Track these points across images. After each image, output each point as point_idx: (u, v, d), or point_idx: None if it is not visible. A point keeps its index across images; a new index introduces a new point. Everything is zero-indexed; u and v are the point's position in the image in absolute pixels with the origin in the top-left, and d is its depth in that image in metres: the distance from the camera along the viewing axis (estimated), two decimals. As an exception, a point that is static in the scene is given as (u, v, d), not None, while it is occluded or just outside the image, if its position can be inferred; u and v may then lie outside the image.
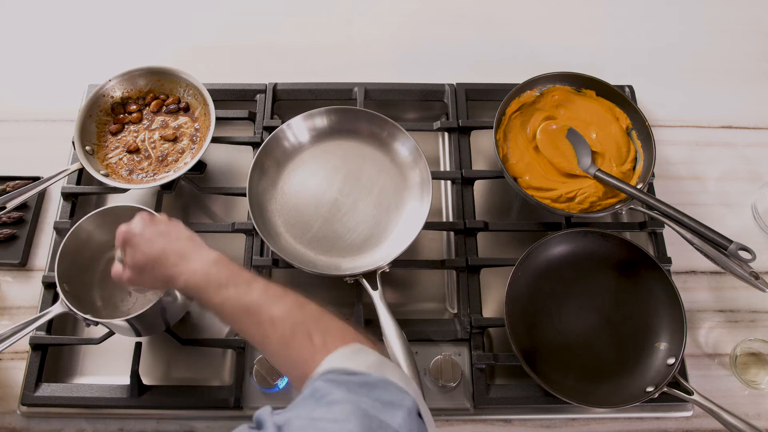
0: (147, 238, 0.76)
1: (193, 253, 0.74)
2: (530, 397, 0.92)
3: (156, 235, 0.76)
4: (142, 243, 0.75)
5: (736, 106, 1.21)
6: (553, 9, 1.33)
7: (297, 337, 0.64)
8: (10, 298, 1.01)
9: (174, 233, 0.77)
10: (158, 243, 0.75)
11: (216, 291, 0.70)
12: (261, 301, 0.68)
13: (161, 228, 0.77)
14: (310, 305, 0.68)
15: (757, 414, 0.95)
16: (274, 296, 0.68)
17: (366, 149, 1.05)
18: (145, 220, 0.78)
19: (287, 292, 0.69)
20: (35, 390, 0.91)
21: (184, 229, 0.79)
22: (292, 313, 0.66)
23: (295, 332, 0.64)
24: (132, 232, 0.76)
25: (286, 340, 0.64)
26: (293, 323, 0.65)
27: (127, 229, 0.77)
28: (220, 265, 0.72)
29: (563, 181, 1.04)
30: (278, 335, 0.65)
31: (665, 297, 0.94)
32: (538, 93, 1.11)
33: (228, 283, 0.70)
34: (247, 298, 0.68)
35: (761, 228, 1.09)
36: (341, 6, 1.32)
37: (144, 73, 1.09)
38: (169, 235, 0.76)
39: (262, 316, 0.67)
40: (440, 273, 1.05)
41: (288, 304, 0.67)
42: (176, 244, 0.75)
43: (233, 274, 0.71)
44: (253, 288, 0.69)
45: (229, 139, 1.10)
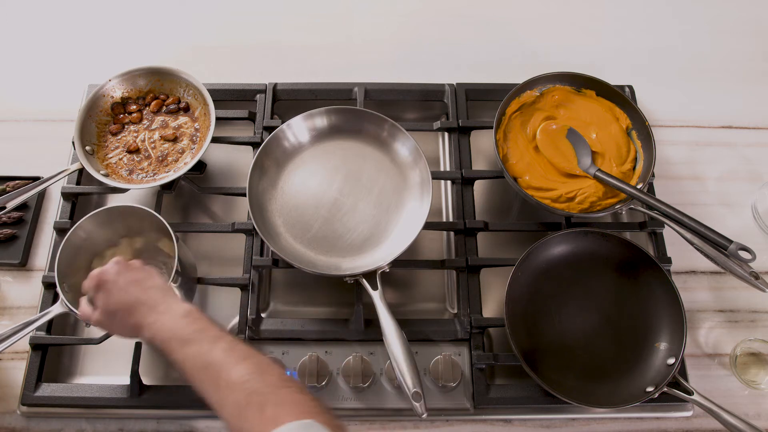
0: (121, 286, 0.76)
1: (164, 305, 0.74)
2: (530, 397, 0.92)
3: (130, 283, 0.76)
4: (115, 290, 0.76)
5: (736, 106, 1.21)
6: (553, 9, 1.34)
7: (250, 407, 0.61)
8: (10, 298, 1.01)
9: (147, 282, 0.77)
10: (131, 291, 0.75)
11: (179, 346, 0.69)
12: (221, 361, 0.66)
13: (136, 275, 0.77)
14: (273, 372, 0.65)
15: (757, 414, 0.95)
16: (237, 358, 0.66)
17: (366, 149, 1.05)
18: (120, 266, 0.78)
19: (251, 355, 0.67)
20: (35, 390, 0.91)
21: (157, 278, 0.79)
22: (251, 379, 0.64)
23: (249, 401, 0.62)
24: (106, 277, 0.77)
25: (240, 408, 0.62)
26: (249, 391, 0.63)
27: (101, 273, 0.77)
28: (189, 319, 0.71)
29: (563, 181, 1.04)
30: (232, 401, 0.63)
31: (665, 297, 0.94)
32: (538, 93, 1.11)
33: (192, 340, 0.68)
34: (208, 357, 0.67)
35: (761, 228, 1.09)
36: (341, 6, 1.32)
37: (144, 73, 1.09)
38: (143, 283, 0.76)
39: (220, 378, 0.65)
40: (440, 273, 1.05)
41: (248, 368, 0.65)
42: (149, 294, 0.75)
43: (199, 331, 0.70)
44: (216, 347, 0.67)
45: (229, 139, 1.10)
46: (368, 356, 0.94)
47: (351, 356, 0.93)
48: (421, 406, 0.80)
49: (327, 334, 0.96)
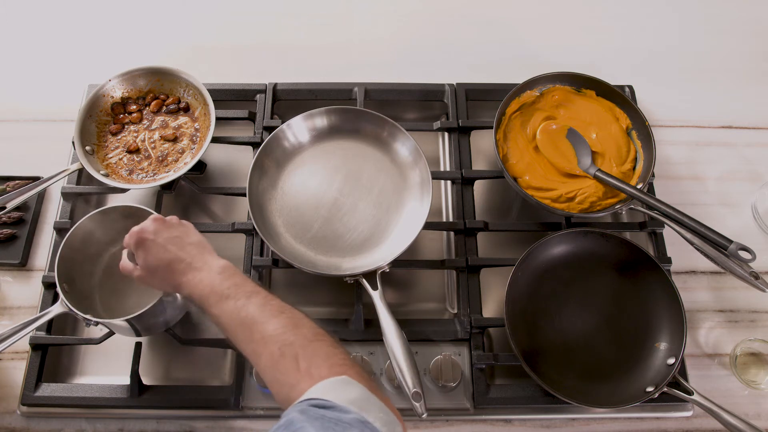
0: (160, 244, 0.77)
1: (200, 262, 0.75)
2: (530, 397, 0.92)
3: (168, 241, 0.77)
4: (155, 248, 0.76)
5: (736, 106, 1.21)
6: (553, 9, 1.34)
7: (285, 359, 0.64)
8: (10, 298, 1.01)
9: (185, 239, 0.78)
10: (170, 249, 0.76)
11: (216, 302, 0.70)
12: (256, 316, 0.68)
13: (173, 233, 0.78)
14: (306, 326, 0.68)
15: (757, 414, 0.95)
16: (271, 312, 0.68)
17: (366, 149, 1.05)
18: (158, 224, 0.79)
19: (285, 309, 0.69)
20: (35, 390, 0.91)
21: (195, 234, 0.80)
22: (284, 332, 0.66)
23: (283, 353, 0.64)
24: (145, 234, 0.77)
25: (275, 360, 0.64)
26: (282, 344, 0.65)
27: (140, 230, 0.78)
28: (225, 275, 0.73)
29: (563, 181, 1.04)
30: (267, 354, 0.65)
31: (665, 297, 0.94)
32: (538, 93, 1.11)
33: (228, 295, 0.70)
34: (243, 312, 0.68)
35: (761, 228, 1.09)
36: (341, 6, 1.32)
37: (144, 73, 1.09)
38: (180, 241, 0.77)
39: (254, 332, 0.67)
40: (440, 273, 1.05)
41: (282, 322, 0.67)
42: (187, 251, 0.76)
43: (235, 286, 0.71)
44: (251, 302, 0.69)
45: (229, 139, 1.10)
46: (368, 356, 0.94)
47: (351, 356, 0.93)
48: (421, 406, 0.80)
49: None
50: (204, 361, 0.97)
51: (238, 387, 0.92)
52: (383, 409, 0.59)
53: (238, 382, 0.92)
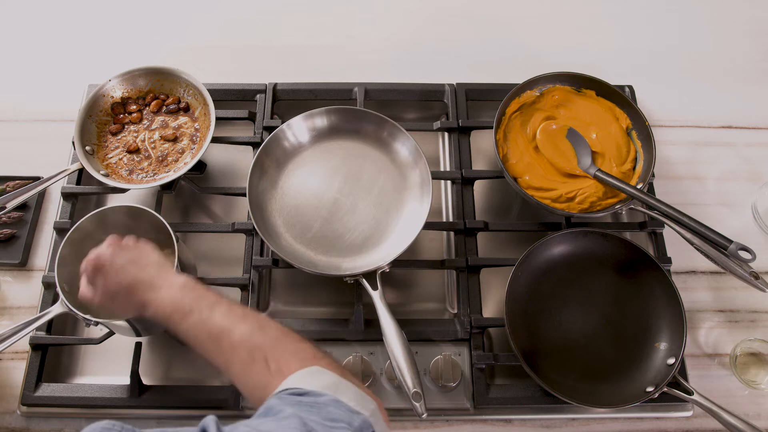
0: (118, 267, 0.76)
1: (161, 281, 0.74)
2: (530, 397, 0.92)
3: (126, 264, 0.76)
4: (113, 271, 0.76)
5: (736, 106, 1.21)
6: (553, 9, 1.34)
7: (255, 363, 0.64)
8: (10, 298, 1.01)
9: (143, 260, 0.77)
10: (129, 272, 0.75)
11: (182, 318, 0.70)
12: (223, 325, 0.68)
13: (131, 254, 0.77)
14: (271, 327, 0.68)
15: (757, 414, 0.95)
16: (236, 319, 0.68)
17: (366, 149, 1.05)
18: (114, 247, 0.78)
19: (249, 314, 0.70)
20: (35, 390, 0.91)
21: (153, 254, 0.79)
22: (250, 337, 0.66)
23: (253, 358, 0.65)
24: (102, 260, 0.76)
25: (245, 365, 0.65)
26: (251, 348, 0.65)
27: (97, 257, 0.77)
28: (186, 290, 0.72)
29: (563, 181, 1.04)
30: (238, 361, 0.66)
31: (665, 297, 0.94)
32: (538, 93, 1.11)
33: (192, 309, 0.70)
34: (209, 323, 0.68)
35: (761, 228, 1.09)
36: (341, 6, 1.32)
37: (144, 73, 1.09)
38: (138, 262, 0.77)
39: (223, 342, 0.67)
40: (440, 273, 1.05)
41: (248, 327, 0.67)
42: (146, 272, 0.75)
43: (197, 299, 0.71)
44: (215, 312, 0.69)
45: (229, 139, 1.10)
46: (368, 356, 0.94)
47: (351, 356, 0.93)
48: (421, 406, 0.80)
49: (327, 334, 0.96)
50: (204, 361, 0.95)
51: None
52: (355, 391, 0.60)
53: (238, 382, 0.92)
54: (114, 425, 0.52)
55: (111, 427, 0.52)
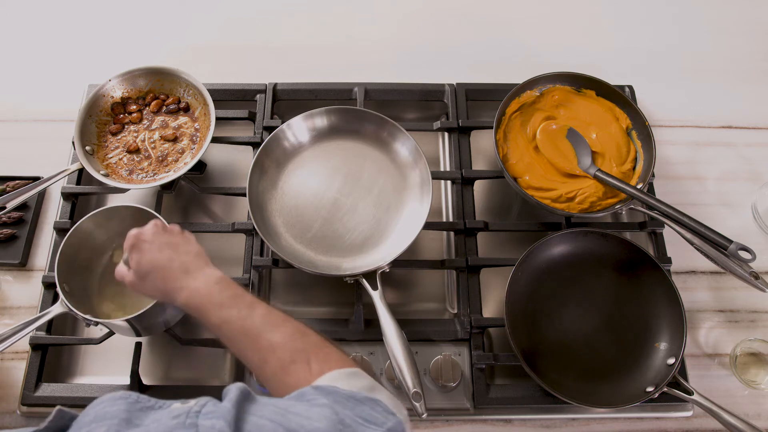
0: (156, 247, 0.75)
1: (198, 271, 0.74)
2: (530, 397, 0.92)
3: (165, 245, 0.76)
4: (150, 250, 0.75)
5: (736, 106, 1.21)
6: (553, 9, 1.34)
7: (296, 364, 0.64)
8: (10, 298, 1.01)
9: (183, 246, 0.77)
10: (165, 253, 0.75)
11: (217, 311, 0.70)
12: (262, 325, 0.68)
13: (172, 239, 0.77)
14: (312, 334, 0.68)
15: (757, 414, 0.95)
16: (276, 322, 0.68)
17: (366, 149, 1.05)
18: (158, 228, 0.78)
19: (288, 319, 0.69)
20: (35, 390, 0.91)
21: (194, 244, 0.79)
22: (293, 339, 0.66)
23: (294, 359, 0.64)
24: (142, 237, 0.76)
25: (285, 365, 0.64)
26: (293, 350, 0.65)
27: (138, 233, 0.77)
28: (223, 285, 0.72)
29: (563, 181, 1.04)
30: (277, 360, 0.65)
31: (665, 297, 0.94)
32: (538, 93, 1.11)
33: (230, 305, 0.70)
34: (248, 322, 0.68)
35: (761, 228, 1.09)
36: (341, 6, 1.32)
37: (144, 73, 1.09)
38: (178, 247, 0.76)
39: (262, 340, 0.67)
40: (440, 273, 1.05)
41: (289, 330, 0.67)
42: (183, 258, 0.75)
43: (235, 296, 0.71)
44: (254, 312, 0.69)
45: (229, 139, 1.10)
46: (368, 356, 0.94)
47: (351, 356, 0.93)
48: (421, 406, 0.80)
49: (327, 334, 0.95)
50: (204, 361, 0.97)
51: (238, 387, 0.92)
52: (391, 396, 0.60)
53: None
54: (130, 395, 0.52)
55: (127, 396, 0.52)
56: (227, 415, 0.48)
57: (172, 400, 0.52)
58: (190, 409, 0.49)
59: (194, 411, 0.49)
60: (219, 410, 0.48)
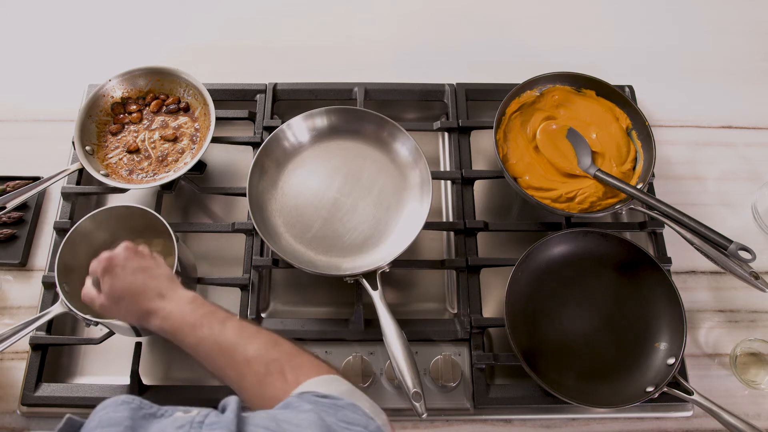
0: (129, 271, 0.76)
1: (171, 292, 0.74)
2: (530, 397, 0.92)
3: (137, 270, 0.76)
4: (123, 274, 0.75)
5: (736, 106, 1.21)
6: (553, 9, 1.34)
7: (271, 375, 0.64)
8: (10, 298, 1.01)
9: (155, 270, 0.77)
10: (138, 278, 0.75)
11: (191, 331, 0.70)
12: (235, 340, 0.68)
13: (144, 263, 0.77)
14: (285, 343, 0.68)
15: (757, 414, 0.95)
16: (249, 335, 0.69)
17: (366, 149, 1.05)
18: (129, 252, 0.78)
19: (261, 331, 0.70)
20: (35, 390, 0.91)
21: (165, 267, 0.79)
22: (266, 351, 0.67)
23: (270, 370, 0.65)
24: (114, 261, 0.76)
25: (260, 378, 0.65)
26: (267, 362, 0.65)
27: (110, 257, 0.77)
28: (195, 305, 0.72)
29: (563, 181, 1.04)
30: (252, 373, 0.65)
31: (665, 297, 0.94)
32: (538, 93, 1.11)
33: (202, 324, 0.70)
34: (221, 338, 0.68)
35: (761, 228, 1.09)
36: (341, 6, 1.32)
37: (144, 73, 1.09)
38: (149, 271, 0.77)
39: (236, 355, 0.67)
40: (440, 273, 1.05)
41: (262, 342, 0.68)
42: (156, 282, 0.75)
43: (207, 314, 0.71)
44: (227, 327, 0.69)
45: (229, 139, 1.10)
46: (368, 356, 0.94)
47: (351, 356, 0.93)
48: (421, 406, 0.80)
49: (327, 334, 0.96)
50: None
51: (238, 387, 0.92)
52: (369, 400, 0.61)
53: (238, 382, 0.92)
54: (133, 399, 0.53)
55: (131, 401, 0.52)
56: (231, 425, 0.49)
57: (174, 407, 0.53)
58: (193, 419, 0.50)
59: (197, 421, 0.50)
60: (222, 421, 0.49)
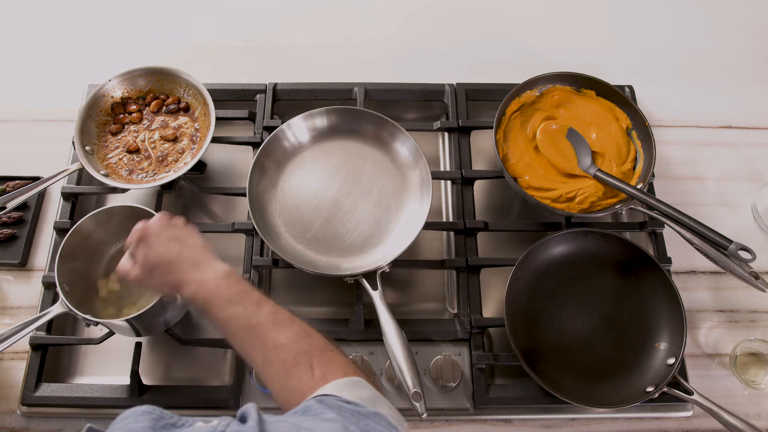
0: (163, 240, 0.75)
1: (206, 264, 0.74)
2: (530, 397, 0.92)
3: (171, 239, 0.76)
4: (157, 244, 0.75)
5: (736, 106, 1.21)
6: (553, 9, 1.34)
7: (299, 367, 0.64)
8: (10, 298, 1.01)
9: (189, 240, 0.77)
10: (173, 247, 0.75)
11: (224, 306, 0.69)
12: (268, 324, 0.67)
13: (178, 232, 0.77)
14: (317, 336, 0.68)
15: (757, 414, 0.95)
16: (282, 322, 0.68)
17: (366, 149, 1.05)
18: (163, 221, 0.78)
19: (294, 320, 0.69)
20: (35, 390, 0.91)
21: (199, 237, 0.79)
22: (298, 341, 0.66)
23: (298, 361, 0.64)
24: (149, 230, 0.76)
25: (288, 367, 0.64)
26: (297, 352, 0.65)
27: (145, 226, 0.76)
28: (231, 280, 0.72)
29: (563, 181, 1.04)
30: (280, 361, 0.65)
31: (665, 297, 0.94)
32: (538, 93, 1.11)
33: (236, 301, 0.69)
34: (254, 319, 0.68)
35: (761, 228, 1.09)
36: (341, 6, 1.32)
37: (144, 73, 1.09)
38: (184, 240, 0.76)
39: (267, 339, 0.66)
40: (440, 273, 1.05)
41: (295, 331, 0.67)
42: (190, 252, 0.75)
43: (243, 292, 0.70)
44: (261, 310, 0.69)
45: (229, 139, 1.10)
46: (368, 356, 0.94)
47: (351, 356, 0.93)
48: (421, 406, 0.80)
49: (327, 334, 0.95)
50: (204, 361, 0.97)
51: (238, 387, 0.92)
52: (392, 408, 0.60)
53: (238, 382, 0.92)
54: (154, 410, 0.53)
55: (151, 411, 0.53)
56: None
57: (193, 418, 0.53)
58: (215, 430, 0.50)
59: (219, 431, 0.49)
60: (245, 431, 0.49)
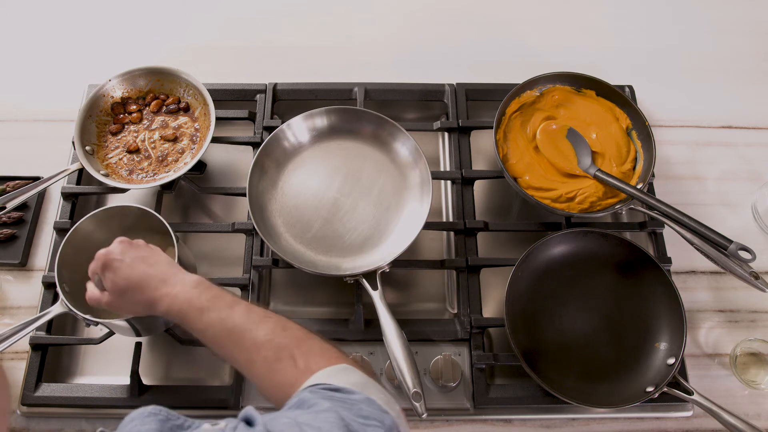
0: (128, 262, 0.76)
1: (174, 278, 0.74)
2: (530, 397, 0.92)
3: (136, 260, 0.76)
4: (123, 267, 0.76)
5: (736, 106, 1.21)
6: (553, 9, 1.34)
7: (281, 361, 0.64)
8: (10, 298, 1.01)
9: (154, 258, 0.77)
10: (139, 267, 0.75)
11: (198, 316, 0.70)
12: (244, 324, 0.68)
13: (141, 253, 0.78)
14: (293, 327, 0.68)
15: (757, 414, 0.95)
16: (257, 319, 0.68)
17: (366, 149, 1.05)
18: (124, 245, 0.78)
19: (269, 315, 0.70)
20: (35, 390, 0.91)
21: (163, 254, 0.79)
22: (275, 336, 0.67)
23: (279, 356, 0.65)
24: (112, 255, 0.77)
25: (270, 363, 0.65)
26: (277, 347, 0.65)
27: (107, 251, 0.77)
28: (201, 288, 0.72)
29: (563, 181, 1.04)
30: (262, 359, 0.65)
31: (665, 297, 0.94)
32: (538, 93, 1.11)
33: (210, 307, 0.70)
34: (229, 322, 0.68)
35: (761, 228, 1.09)
36: (341, 6, 1.32)
37: (144, 73, 1.09)
38: (149, 259, 0.77)
39: (245, 340, 0.67)
40: (440, 273, 1.05)
41: (271, 326, 0.68)
42: (157, 269, 0.76)
43: (214, 298, 0.71)
44: (235, 311, 0.69)
45: (229, 139, 1.10)
46: (368, 356, 0.94)
47: (351, 356, 0.93)
48: (421, 406, 0.80)
49: (327, 334, 0.95)
50: (204, 361, 0.97)
51: (238, 387, 0.92)
52: (382, 391, 0.61)
53: (238, 382, 0.92)
54: (160, 410, 0.53)
55: (158, 412, 0.53)
56: None
57: (199, 420, 0.54)
58: None
59: None
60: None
